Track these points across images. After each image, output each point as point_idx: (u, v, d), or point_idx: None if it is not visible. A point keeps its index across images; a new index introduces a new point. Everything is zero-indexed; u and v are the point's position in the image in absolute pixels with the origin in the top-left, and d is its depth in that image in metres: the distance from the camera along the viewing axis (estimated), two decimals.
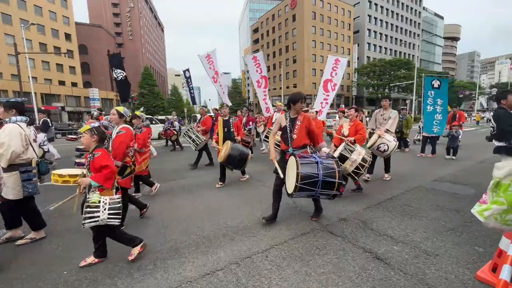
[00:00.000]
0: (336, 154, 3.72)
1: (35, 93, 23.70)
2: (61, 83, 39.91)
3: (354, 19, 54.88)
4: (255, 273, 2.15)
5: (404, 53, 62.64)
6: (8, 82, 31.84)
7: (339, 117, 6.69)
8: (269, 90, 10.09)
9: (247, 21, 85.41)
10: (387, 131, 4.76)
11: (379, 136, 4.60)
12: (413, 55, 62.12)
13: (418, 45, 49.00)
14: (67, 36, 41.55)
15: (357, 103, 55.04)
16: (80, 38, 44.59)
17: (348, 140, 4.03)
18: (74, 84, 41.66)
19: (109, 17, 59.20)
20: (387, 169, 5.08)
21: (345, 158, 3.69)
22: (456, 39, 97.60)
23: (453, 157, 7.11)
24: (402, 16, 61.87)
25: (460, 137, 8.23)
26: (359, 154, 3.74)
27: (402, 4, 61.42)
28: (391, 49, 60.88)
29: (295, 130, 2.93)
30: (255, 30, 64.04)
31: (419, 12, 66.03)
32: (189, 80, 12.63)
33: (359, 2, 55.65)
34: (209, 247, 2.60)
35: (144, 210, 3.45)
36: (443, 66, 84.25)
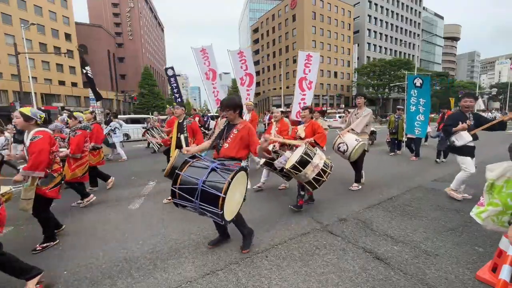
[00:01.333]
0: (295, 158, 3.18)
1: (35, 93, 23.68)
2: (61, 83, 39.90)
3: (354, 19, 54.89)
4: (255, 273, 2.15)
5: (404, 53, 62.65)
6: (8, 82, 31.84)
7: (315, 118, 6.44)
8: (268, 90, 9.81)
9: (247, 21, 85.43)
10: (352, 130, 4.29)
11: (339, 136, 4.21)
12: (413, 55, 62.15)
13: (418, 45, 49.07)
14: (67, 36, 41.54)
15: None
16: (80, 38, 44.59)
17: (307, 141, 3.46)
18: (74, 84, 41.64)
19: (109, 17, 59.16)
20: (357, 177, 4.50)
21: (307, 162, 3.13)
22: (456, 39, 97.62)
23: (444, 159, 6.71)
24: (402, 16, 61.89)
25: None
26: (320, 158, 3.24)
27: (402, 4, 61.44)
28: (391, 49, 60.90)
29: (228, 139, 2.46)
30: (255, 30, 64.06)
31: (419, 12, 66.04)
32: (172, 79, 11.72)
33: (359, 2, 55.66)
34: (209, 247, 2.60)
35: (60, 229, 3.02)
36: (443, 66, 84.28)
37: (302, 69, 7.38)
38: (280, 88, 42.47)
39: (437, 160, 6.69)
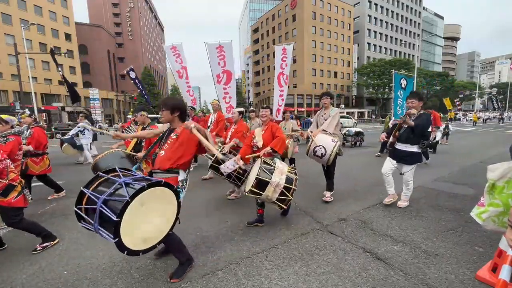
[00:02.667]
0: (251, 180, 2.73)
1: (35, 93, 23.70)
2: (61, 83, 39.77)
3: (354, 19, 54.93)
4: (255, 273, 2.15)
5: (404, 53, 62.69)
6: (8, 82, 31.85)
7: (286, 119, 5.80)
8: (268, 90, 9.54)
9: (247, 21, 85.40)
10: (323, 131, 3.76)
11: (312, 139, 3.66)
12: (413, 55, 62.17)
13: (418, 45, 49.04)
14: (67, 36, 41.56)
15: (357, 103, 55.14)
16: (80, 38, 44.62)
17: (262, 154, 2.89)
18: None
19: (109, 17, 59.19)
20: (329, 185, 3.92)
21: (265, 183, 2.63)
22: (456, 39, 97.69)
23: (426, 161, 6.37)
24: (402, 16, 61.94)
25: (438, 138, 8.03)
26: (280, 173, 2.71)
27: (402, 4, 61.48)
28: (391, 49, 60.94)
29: (165, 145, 2.15)
30: (255, 30, 64.08)
31: (419, 12, 66.08)
32: (136, 81, 11.29)
33: (359, 2, 55.70)
34: (209, 247, 2.60)
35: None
36: (443, 66, 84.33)
37: (280, 64, 6.99)
38: None
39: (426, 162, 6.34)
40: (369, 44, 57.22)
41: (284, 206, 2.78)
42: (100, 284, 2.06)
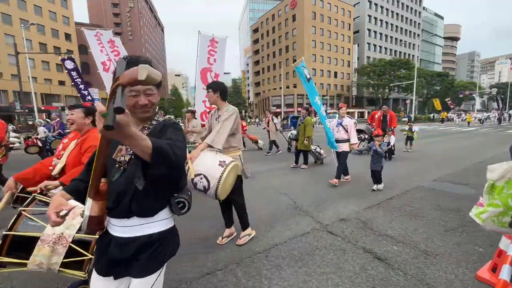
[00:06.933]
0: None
1: (35, 93, 23.70)
2: (61, 83, 39.91)
3: (354, 19, 54.96)
4: (255, 273, 2.15)
5: (404, 53, 62.71)
6: (8, 82, 31.86)
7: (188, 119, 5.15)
8: (268, 90, 9.15)
9: (247, 21, 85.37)
10: (210, 148, 2.30)
11: (187, 162, 2.18)
12: (413, 55, 62.20)
13: (418, 45, 49.08)
14: (67, 36, 41.57)
15: (357, 103, 55.15)
16: (80, 38, 44.56)
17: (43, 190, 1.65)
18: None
19: (109, 17, 59.20)
20: (242, 223, 2.75)
21: (34, 240, 1.45)
22: (456, 39, 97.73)
23: (379, 186, 4.36)
24: (402, 16, 61.97)
25: (392, 144, 6.79)
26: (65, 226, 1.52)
27: (402, 4, 61.51)
28: (391, 49, 60.97)
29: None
30: (255, 30, 64.09)
31: (419, 12, 66.10)
32: (73, 72, 9.20)
33: (359, 2, 55.72)
34: (209, 247, 2.60)
35: None
36: (443, 66, 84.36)
37: (206, 58, 5.59)
38: (280, 88, 42.62)
39: (374, 187, 4.39)
40: (369, 44, 57.24)
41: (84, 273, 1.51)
42: None
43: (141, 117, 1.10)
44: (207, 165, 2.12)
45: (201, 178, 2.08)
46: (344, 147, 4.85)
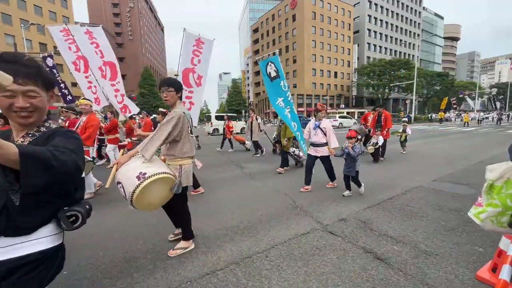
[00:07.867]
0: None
1: None
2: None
3: (354, 19, 54.96)
4: (255, 273, 2.15)
5: (404, 53, 62.72)
6: None
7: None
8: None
9: (247, 21, 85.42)
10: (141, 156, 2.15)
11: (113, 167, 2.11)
12: (413, 55, 62.21)
13: (418, 45, 49.09)
14: None
15: (357, 103, 55.17)
16: None
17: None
18: (74, 84, 41.45)
19: (109, 17, 59.23)
20: (185, 233, 2.59)
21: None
22: (456, 39, 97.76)
23: (360, 189, 4.08)
24: (402, 16, 61.98)
25: (379, 145, 6.66)
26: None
27: (402, 4, 61.52)
28: (391, 49, 60.98)
29: None
30: (255, 30, 64.12)
31: (419, 12, 66.10)
32: (53, 70, 8.81)
33: (359, 2, 55.73)
34: (209, 247, 2.60)
35: None
36: (443, 66, 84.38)
37: (190, 58, 5.23)
38: None
39: (345, 193, 4.11)
40: (369, 44, 57.24)
41: None
42: (100, 284, 2.06)
43: (22, 122, 0.97)
44: (127, 175, 1.99)
45: (121, 187, 2.00)
46: (323, 151, 4.41)
